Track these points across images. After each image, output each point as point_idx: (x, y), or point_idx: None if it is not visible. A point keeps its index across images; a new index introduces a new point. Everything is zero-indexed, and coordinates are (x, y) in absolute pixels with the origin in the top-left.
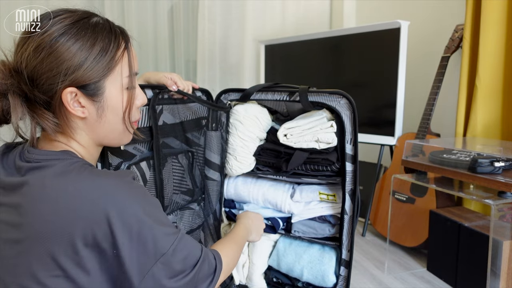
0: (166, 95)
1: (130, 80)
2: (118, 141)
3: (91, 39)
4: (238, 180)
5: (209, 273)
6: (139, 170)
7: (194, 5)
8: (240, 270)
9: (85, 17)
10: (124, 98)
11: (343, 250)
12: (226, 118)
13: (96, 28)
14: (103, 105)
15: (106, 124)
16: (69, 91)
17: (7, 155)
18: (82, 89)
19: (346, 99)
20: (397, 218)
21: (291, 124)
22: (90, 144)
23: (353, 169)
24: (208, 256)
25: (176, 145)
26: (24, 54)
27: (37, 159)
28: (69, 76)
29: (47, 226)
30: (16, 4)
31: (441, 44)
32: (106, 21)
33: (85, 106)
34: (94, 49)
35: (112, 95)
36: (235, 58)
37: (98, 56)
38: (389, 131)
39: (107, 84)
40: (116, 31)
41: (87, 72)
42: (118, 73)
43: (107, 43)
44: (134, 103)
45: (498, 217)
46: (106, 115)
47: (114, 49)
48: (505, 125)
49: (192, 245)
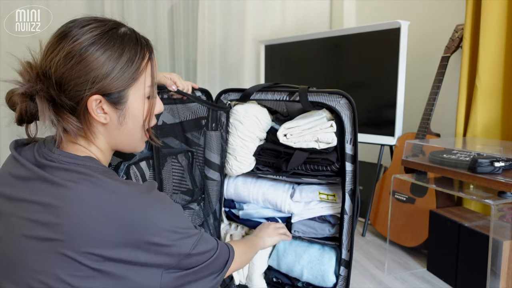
0: (165, 95)
1: (151, 90)
2: (132, 147)
3: (119, 49)
4: (238, 180)
5: (223, 263)
6: (138, 170)
7: (194, 5)
8: (240, 270)
9: (114, 27)
10: (145, 107)
11: (343, 250)
12: (226, 118)
13: (123, 39)
14: (125, 112)
15: (125, 131)
16: (94, 98)
17: (19, 151)
18: (106, 97)
19: (346, 99)
20: (397, 218)
21: (291, 124)
22: (107, 149)
23: (353, 169)
24: (223, 249)
25: (176, 145)
26: (54, 59)
27: (64, 161)
28: (96, 84)
29: (84, 230)
30: (16, 4)
31: (441, 44)
32: (132, 31)
33: (107, 112)
34: (121, 60)
35: (134, 104)
36: (235, 58)
37: (125, 66)
38: (389, 131)
39: (130, 93)
40: (142, 42)
41: (113, 82)
42: (142, 83)
43: (133, 54)
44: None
45: (498, 217)
46: (126, 122)
47: (139, 60)
48: (505, 125)
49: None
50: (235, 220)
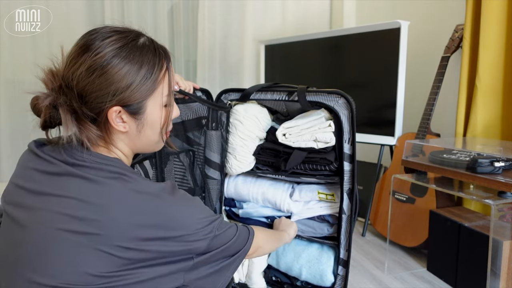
0: None
1: (169, 99)
2: (151, 149)
3: (139, 62)
4: (238, 179)
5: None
6: (142, 168)
7: (194, 5)
8: (240, 269)
9: (133, 39)
10: (162, 115)
11: (341, 250)
12: (226, 118)
13: (143, 50)
14: (143, 121)
15: (144, 137)
16: (114, 110)
17: (42, 149)
18: (126, 108)
19: (344, 99)
20: (397, 218)
21: (290, 123)
22: (129, 152)
23: (351, 168)
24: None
25: (178, 144)
26: (76, 72)
27: (95, 161)
28: (116, 97)
29: (118, 225)
30: (16, 4)
31: (441, 44)
32: (151, 42)
33: (126, 122)
34: (141, 72)
35: (152, 113)
36: (235, 58)
37: (144, 79)
38: (389, 131)
39: (149, 103)
40: (160, 53)
41: (133, 93)
42: (160, 93)
43: (152, 65)
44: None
45: (498, 217)
46: (145, 130)
47: (157, 71)
48: (505, 125)
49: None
50: (235, 218)
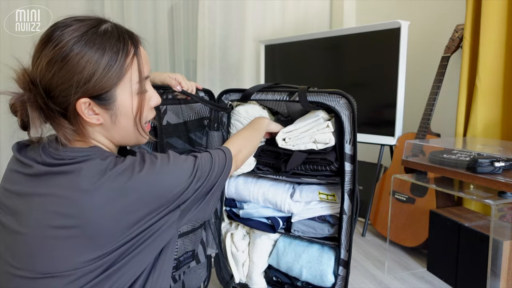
0: (170, 95)
1: (140, 86)
2: (135, 141)
3: (100, 50)
4: (239, 180)
5: (223, 164)
6: None
7: (194, 5)
8: (240, 269)
9: (94, 26)
10: (134, 103)
11: (342, 250)
12: (227, 119)
13: (104, 37)
14: (116, 112)
15: (120, 128)
16: (82, 102)
17: (24, 152)
18: (94, 99)
19: (345, 99)
20: (397, 218)
21: (289, 128)
22: (110, 145)
23: (352, 169)
24: (218, 156)
25: (179, 145)
26: (38, 67)
27: (72, 156)
28: (80, 88)
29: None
30: (16, 4)
31: (441, 44)
32: (114, 27)
33: (99, 113)
34: (103, 60)
35: (123, 102)
36: (235, 58)
37: (107, 67)
38: (389, 131)
39: (118, 92)
40: (125, 37)
41: (98, 83)
42: (128, 80)
43: (116, 52)
44: (147, 105)
45: (498, 217)
46: (119, 121)
47: (123, 57)
48: (505, 125)
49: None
50: (236, 219)
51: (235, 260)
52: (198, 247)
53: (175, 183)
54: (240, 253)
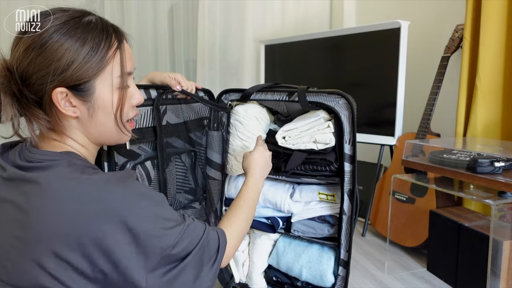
0: (170, 95)
1: (122, 80)
2: (115, 140)
3: (81, 39)
4: (239, 180)
5: (213, 253)
6: (144, 169)
7: (194, 5)
8: (240, 269)
9: (77, 16)
10: (115, 98)
11: (342, 250)
12: (226, 118)
13: (87, 27)
14: (94, 105)
15: (98, 123)
16: (59, 91)
17: (6, 154)
18: (72, 89)
19: (345, 99)
20: (397, 218)
21: (289, 126)
22: (87, 143)
23: (351, 169)
24: (211, 238)
25: (179, 144)
26: (15, 54)
27: (40, 159)
28: (57, 77)
29: (54, 227)
30: (16, 4)
31: (441, 44)
32: (99, 19)
33: (76, 106)
34: (84, 49)
35: (102, 95)
36: (235, 58)
37: (88, 56)
38: (389, 131)
39: (97, 84)
40: (109, 29)
41: (76, 73)
42: (109, 73)
43: (97, 42)
44: (129, 103)
45: (498, 217)
46: (97, 115)
47: (104, 48)
48: (505, 125)
49: (196, 231)
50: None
51: (235, 260)
52: None
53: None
54: (240, 253)
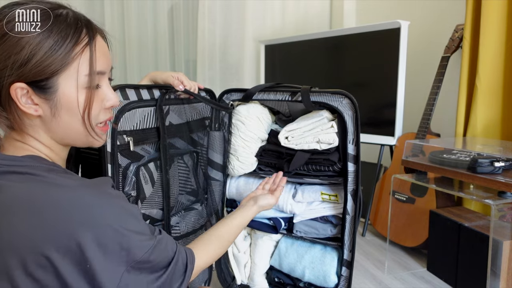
0: (172, 95)
1: (90, 79)
2: (83, 142)
3: (46, 31)
4: (240, 180)
5: (181, 273)
6: (147, 171)
7: (194, 5)
8: (242, 270)
9: (49, 8)
10: (81, 98)
11: (345, 251)
12: (228, 119)
13: (55, 20)
14: (57, 104)
15: (62, 124)
16: (18, 87)
17: None
18: (33, 86)
19: (349, 99)
20: (397, 218)
21: (292, 126)
22: (52, 144)
23: (355, 169)
24: (181, 258)
25: (182, 145)
26: None
27: (3, 164)
28: (16, 71)
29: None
30: None
31: (441, 44)
32: (72, 13)
33: (38, 104)
34: (46, 43)
35: (66, 94)
36: (235, 58)
37: (50, 50)
38: (389, 131)
39: (61, 81)
40: (79, 24)
41: (36, 67)
42: (75, 70)
43: (64, 36)
44: (100, 104)
45: (498, 217)
46: (60, 115)
47: (71, 44)
48: (505, 125)
49: (166, 248)
50: None
51: (236, 262)
52: None
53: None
54: (242, 254)
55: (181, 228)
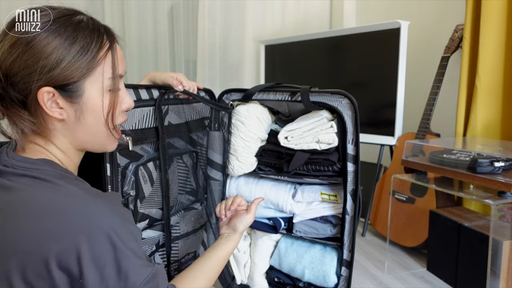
0: (172, 95)
1: (113, 82)
2: (100, 146)
3: (71, 37)
4: (240, 180)
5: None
6: (146, 171)
7: (194, 5)
8: (242, 270)
9: (68, 14)
10: (105, 100)
11: (345, 251)
12: (228, 119)
13: (78, 26)
14: (82, 107)
15: (85, 127)
16: (45, 91)
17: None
18: (60, 90)
19: (348, 99)
20: (397, 218)
21: (292, 126)
22: (69, 149)
23: (354, 169)
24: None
25: (181, 145)
26: (0, 51)
27: (16, 165)
28: (44, 75)
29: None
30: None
31: (441, 44)
32: (90, 19)
33: (63, 107)
34: (74, 48)
35: (92, 97)
36: (235, 58)
37: (78, 55)
38: (389, 131)
39: (86, 85)
40: (100, 30)
41: (64, 72)
42: (100, 74)
43: (89, 41)
44: (119, 107)
45: (498, 217)
46: (85, 118)
47: (95, 48)
48: (505, 125)
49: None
50: None
51: (236, 261)
52: (199, 249)
53: None
54: (242, 254)
55: (181, 227)
